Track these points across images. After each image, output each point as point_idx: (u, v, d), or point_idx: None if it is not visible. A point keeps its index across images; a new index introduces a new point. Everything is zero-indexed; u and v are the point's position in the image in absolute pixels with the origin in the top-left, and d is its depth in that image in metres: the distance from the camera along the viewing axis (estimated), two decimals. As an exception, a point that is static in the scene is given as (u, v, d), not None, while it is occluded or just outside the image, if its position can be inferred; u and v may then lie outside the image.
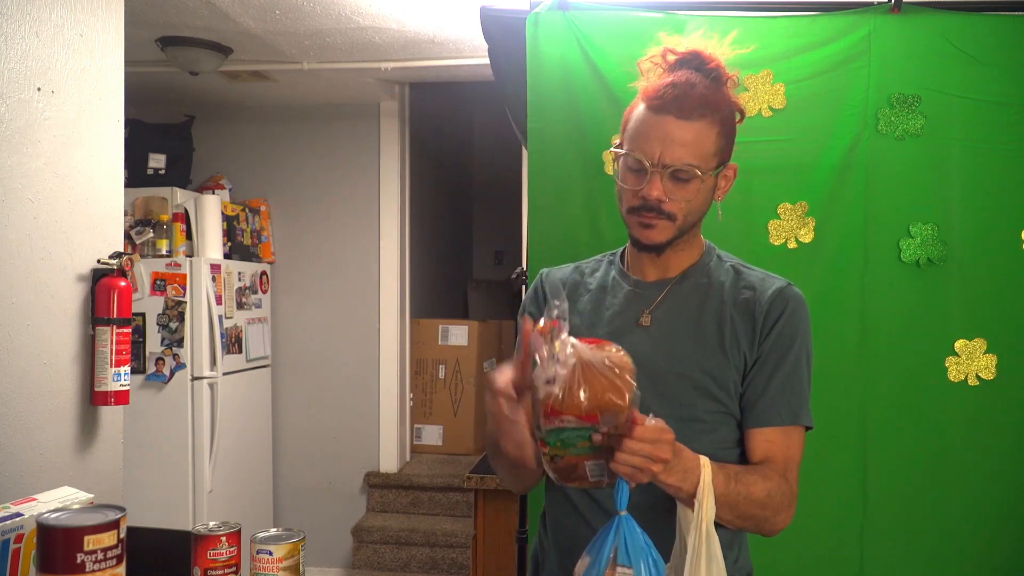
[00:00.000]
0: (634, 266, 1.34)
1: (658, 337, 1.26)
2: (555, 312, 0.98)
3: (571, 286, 1.38)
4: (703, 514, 1.07)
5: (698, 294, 1.29)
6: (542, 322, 1.00)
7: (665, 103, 1.19)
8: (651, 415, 1.03)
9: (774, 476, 1.20)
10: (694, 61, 1.25)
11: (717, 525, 1.11)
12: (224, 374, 3.81)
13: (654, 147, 1.19)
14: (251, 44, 3.37)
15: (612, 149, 1.29)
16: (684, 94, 1.18)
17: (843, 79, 1.90)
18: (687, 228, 1.26)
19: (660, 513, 1.18)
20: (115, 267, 1.94)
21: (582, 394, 0.96)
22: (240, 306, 4.05)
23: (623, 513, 1.03)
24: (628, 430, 0.99)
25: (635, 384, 1.00)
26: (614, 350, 1.02)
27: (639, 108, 1.24)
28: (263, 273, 4.32)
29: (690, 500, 1.10)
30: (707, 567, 1.07)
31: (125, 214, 3.53)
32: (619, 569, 1.00)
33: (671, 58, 1.26)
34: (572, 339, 1.00)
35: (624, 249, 1.38)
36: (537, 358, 0.98)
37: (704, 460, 1.11)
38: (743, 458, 1.26)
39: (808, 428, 1.27)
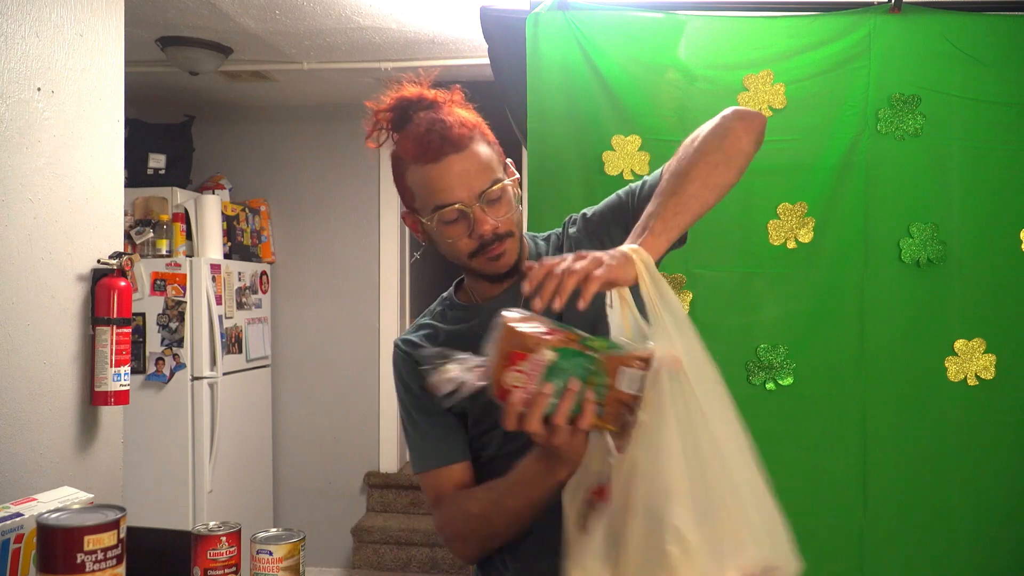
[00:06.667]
0: (477, 292, 1.30)
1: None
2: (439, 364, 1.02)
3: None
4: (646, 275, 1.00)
5: None
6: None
7: (437, 149, 1.18)
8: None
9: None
10: (419, 103, 1.27)
11: None
12: (224, 374, 3.81)
13: (458, 190, 1.17)
14: (251, 44, 3.37)
15: (417, 217, 1.23)
16: (447, 130, 1.19)
17: (843, 79, 1.90)
18: (521, 235, 1.25)
19: None
20: (115, 267, 1.94)
21: (491, 385, 0.99)
22: (240, 306, 4.05)
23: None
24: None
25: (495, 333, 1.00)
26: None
27: (412, 170, 1.21)
28: (263, 273, 4.32)
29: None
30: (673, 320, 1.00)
31: (125, 214, 3.53)
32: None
33: (401, 108, 1.27)
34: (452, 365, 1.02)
35: (451, 292, 1.34)
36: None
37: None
38: None
39: None
